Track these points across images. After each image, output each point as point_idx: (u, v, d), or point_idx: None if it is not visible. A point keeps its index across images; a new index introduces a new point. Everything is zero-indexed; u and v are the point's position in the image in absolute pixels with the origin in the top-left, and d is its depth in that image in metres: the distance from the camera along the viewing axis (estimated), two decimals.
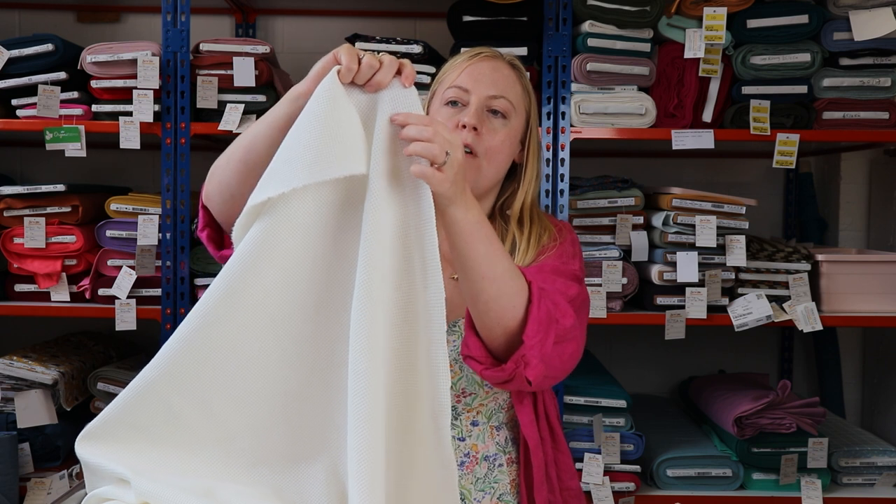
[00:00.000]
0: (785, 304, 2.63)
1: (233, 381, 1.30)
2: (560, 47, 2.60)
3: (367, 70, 1.29)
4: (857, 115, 2.66)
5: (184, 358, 1.28)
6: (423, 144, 1.27)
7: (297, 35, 3.28)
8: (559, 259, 1.61)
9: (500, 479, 1.64)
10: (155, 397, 1.29)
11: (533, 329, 1.39)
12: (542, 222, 1.69)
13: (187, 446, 1.31)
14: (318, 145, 1.25)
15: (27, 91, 2.64)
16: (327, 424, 1.33)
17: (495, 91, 1.64)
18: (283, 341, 1.31)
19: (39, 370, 2.63)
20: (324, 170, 1.25)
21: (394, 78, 1.31)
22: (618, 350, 3.31)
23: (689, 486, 2.68)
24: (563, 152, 2.60)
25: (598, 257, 2.62)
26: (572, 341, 1.48)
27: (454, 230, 1.37)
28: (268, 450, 1.33)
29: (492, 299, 1.39)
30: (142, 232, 2.61)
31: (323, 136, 1.26)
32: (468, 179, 1.62)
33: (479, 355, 1.44)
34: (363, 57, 1.30)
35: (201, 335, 1.28)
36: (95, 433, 1.31)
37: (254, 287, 1.27)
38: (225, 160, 1.48)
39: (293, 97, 1.36)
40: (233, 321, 1.27)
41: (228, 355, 1.29)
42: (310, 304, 1.31)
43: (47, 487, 2.55)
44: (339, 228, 1.31)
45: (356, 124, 1.29)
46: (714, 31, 2.55)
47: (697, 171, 3.29)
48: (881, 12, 2.56)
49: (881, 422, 3.18)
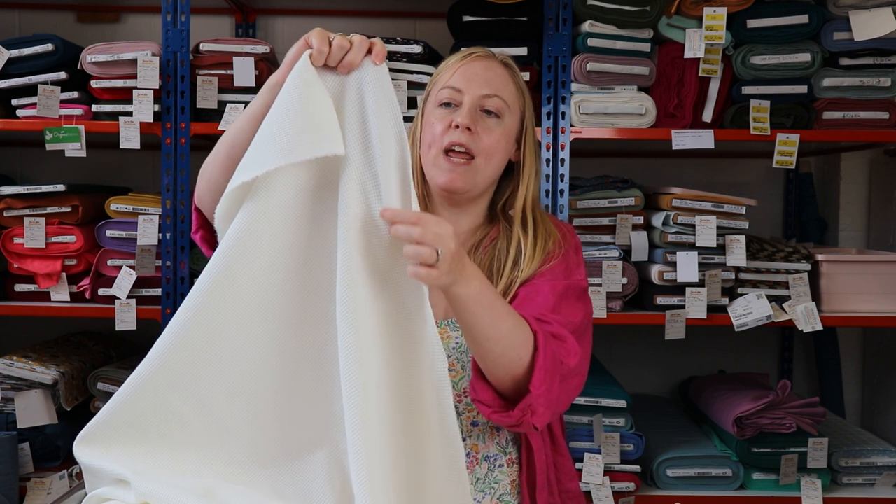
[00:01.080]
0: (785, 304, 2.63)
1: (226, 373, 1.31)
2: (560, 47, 2.60)
3: (337, 51, 1.31)
4: (857, 115, 2.66)
5: (177, 353, 1.29)
6: (415, 248, 1.27)
7: (297, 35, 3.21)
8: (564, 271, 1.63)
9: (500, 479, 1.64)
10: (151, 394, 1.30)
11: (539, 378, 1.42)
12: (546, 225, 1.69)
13: (186, 444, 1.31)
14: (292, 128, 1.27)
15: (27, 91, 2.64)
16: (323, 412, 1.33)
17: (488, 90, 1.65)
18: (273, 329, 1.32)
19: (39, 370, 2.63)
20: (299, 151, 1.27)
21: (365, 57, 1.33)
22: (618, 350, 3.31)
23: (689, 486, 2.68)
24: (563, 152, 2.60)
25: (598, 257, 2.62)
26: (578, 376, 1.53)
27: (458, 306, 1.38)
28: (266, 443, 1.33)
29: (498, 356, 1.42)
30: (142, 232, 2.61)
31: (297, 119, 1.28)
32: (466, 183, 1.63)
33: (486, 399, 1.47)
34: (334, 39, 1.31)
35: (193, 328, 1.29)
36: (93, 435, 1.31)
37: (240, 276, 1.28)
38: (211, 159, 1.49)
39: (270, 86, 1.38)
40: (222, 311, 1.29)
41: (221, 347, 1.30)
42: (296, 288, 1.32)
43: (47, 487, 2.55)
44: (318, 211, 1.32)
45: (329, 106, 1.30)
46: (714, 31, 2.55)
47: (697, 171, 3.29)
48: (881, 12, 2.56)
49: (881, 422, 3.18)
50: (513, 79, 1.70)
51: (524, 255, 1.64)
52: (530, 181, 1.70)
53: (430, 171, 1.66)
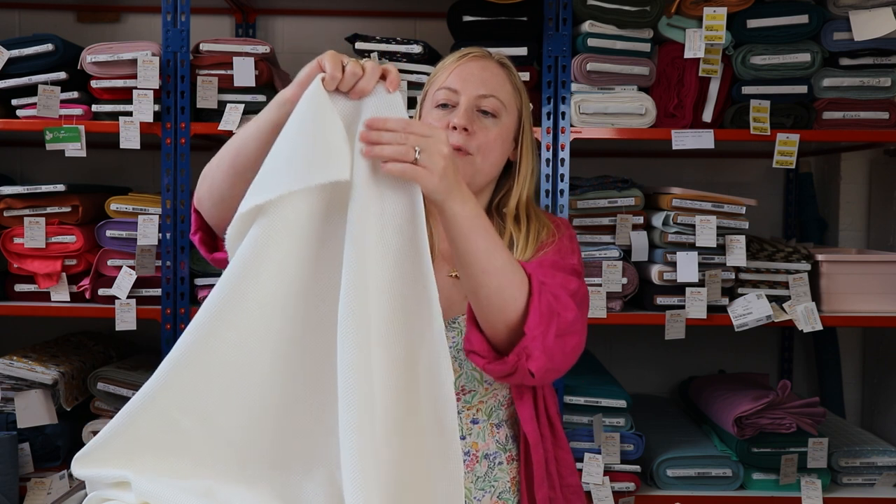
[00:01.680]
0: (785, 304, 2.63)
1: (233, 393, 1.31)
2: (560, 47, 2.60)
3: (350, 78, 1.30)
4: (857, 115, 2.66)
5: (183, 372, 1.29)
6: (392, 148, 1.28)
7: (297, 35, 3.28)
8: (558, 254, 1.61)
9: (500, 477, 1.64)
10: (155, 412, 1.30)
11: (534, 321, 1.39)
12: (540, 219, 1.69)
13: (186, 455, 1.32)
14: (303, 153, 1.27)
15: (27, 91, 2.64)
16: (323, 432, 1.33)
17: (484, 91, 1.65)
18: (280, 351, 1.32)
19: (39, 370, 2.63)
20: (309, 177, 1.26)
21: (378, 83, 1.33)
22: (618, 350, 3.31)
23: (689, 486, 2.68)
24: (563, 152, 2.60)
25: (598, 257, 2.62)
26: (574, 335, 1.48)
27: (451, 225, 1.37)
28: (267, 460, 1.34)
29: (493, 293, 1.39)
30: (142, 232, 2.61)
31: (307, 144, 1.27)
32: (464, 177, 1.62)
33: (481, 349, 1.44)
34: (347, 64, 1.30)
35: (202, 347, 1.29)
36: (91, 455, 1.31)
37: (249, 298, 1.28)
38: (215, 165, 1.49)
39: (279, 103, 1.37)
40: (231, 332, 1.29)
41: (227, 366, 1.30)
42: (302, 313, 1.32)
43: (47, 487, 2.55)
44: (325, 236, 1.32)
45: (340, 131, 1.30)
46: (714, 31, 2.55)
47: (697, 171, 3.29)
48: (881, 12, 2.56)
49: (881, 422, 3.18)
50: (509, 78, 1.70)
51: (517, 246, 1.64)
52: (526, 180, 1.70)
53: None
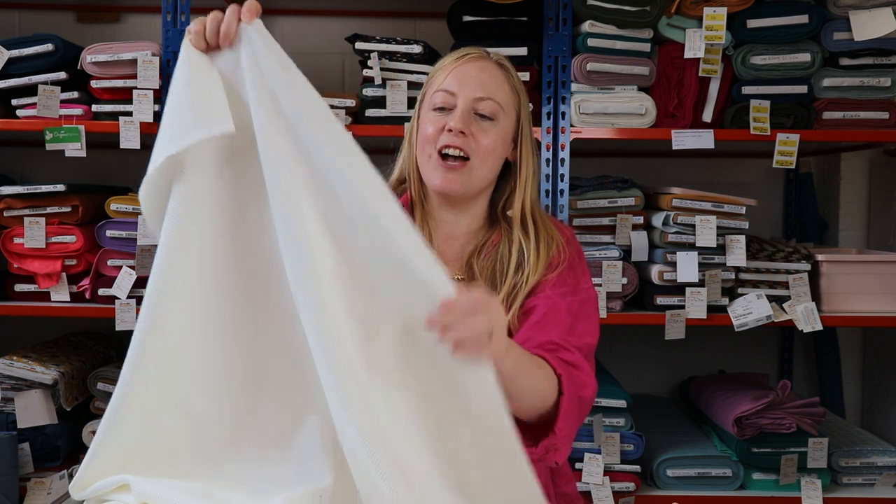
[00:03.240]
0: (785, 304, 2.63)
1: (197, 376, 1.33)
2: (560, 47, 2.60)
3: (211, 24, 1.32)
4: (857, 115, 2.66)
5: (146, 367, 1.30)
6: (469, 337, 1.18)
7: (297, 35, 3.28)
8: (573, 281, 1.64)
9: None
10: (133, 415, 1.31)
11: (563, 422, 1.46)
12: (547, 227, 1.69)
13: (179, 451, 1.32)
14: (179, 115, 1.29)
15: (27, 91, 2.64)
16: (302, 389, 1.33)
17: (482, 93, 1.64)
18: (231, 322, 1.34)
19: (39, 370, 2.63)
20: (187, 136, 1.28)
21: (243, 26, 1.31)
22: (618, 350, 3.30)
23: (688, 486, 2.68)
24: (563, 152, 2.60)
25: (598, 257, 2.62)
26: (591, 403, 1.57)
27: (500, 373, 1.27)
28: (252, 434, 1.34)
29: (528, 406, 1.45)
30: (142, 232, 2.61)
31: (182, 104, 1.29)
32: (462, 182, 1.63)
33: None
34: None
35: (153, 338, 1.30)
36: (85, 476, 1.32)
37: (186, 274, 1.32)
38: None
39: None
40: (176, 315, 1.31)
41: (183, 351, 1.32)
42: (237, 273, 1.34)
43: (47, 487, 2.55)
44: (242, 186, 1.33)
45: (214, 85, 1.30)
46: (714, 31, 2.55)
47: (697, 171, 3.29)
48: (881, 12, 2.56)
49: (881, 422, 3.18)
50: (507, 79, 1.70)
51: (528, 260, 1.64)
52: (528, 182, 1.70)
53: (426, 171, 1.66)
